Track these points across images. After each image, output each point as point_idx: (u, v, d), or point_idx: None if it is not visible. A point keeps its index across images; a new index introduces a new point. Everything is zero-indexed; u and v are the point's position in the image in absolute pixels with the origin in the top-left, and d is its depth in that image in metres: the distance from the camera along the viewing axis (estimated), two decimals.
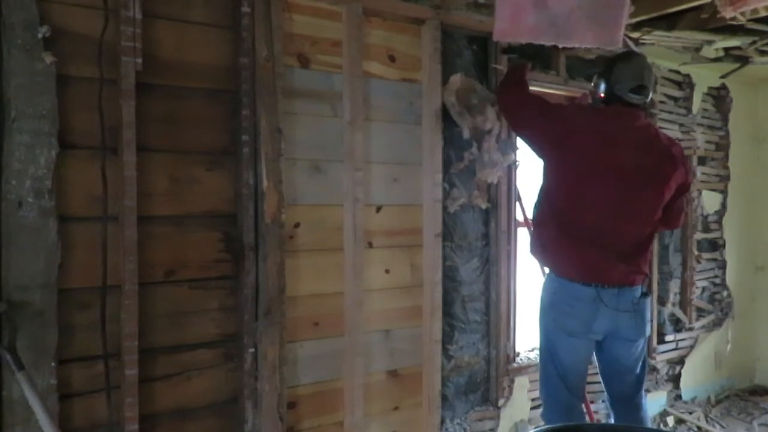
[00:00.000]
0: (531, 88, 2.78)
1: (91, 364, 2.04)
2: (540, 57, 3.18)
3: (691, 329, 4.05)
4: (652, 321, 3.29)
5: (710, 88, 4.17)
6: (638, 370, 2.58)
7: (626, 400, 2.60)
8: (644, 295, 2.49)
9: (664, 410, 3.85)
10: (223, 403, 2.30)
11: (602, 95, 2.54)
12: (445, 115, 2.82)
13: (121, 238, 2.04)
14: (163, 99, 2.16)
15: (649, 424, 2.90)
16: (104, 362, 2.05)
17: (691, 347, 4.10)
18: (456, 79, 2.83)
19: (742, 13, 2.59)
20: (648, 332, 2.55)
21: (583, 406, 2.69)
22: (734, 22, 2.74)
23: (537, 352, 3.32)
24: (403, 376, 2.79)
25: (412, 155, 2.78)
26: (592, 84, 2.66)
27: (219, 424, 2.30)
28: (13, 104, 1.86)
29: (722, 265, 4.31)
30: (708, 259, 4.20)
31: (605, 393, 2.69)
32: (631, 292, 2.44)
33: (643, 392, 2.62)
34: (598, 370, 2.68)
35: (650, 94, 2.51)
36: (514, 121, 2.66)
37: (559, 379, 2.52)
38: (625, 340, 2.49)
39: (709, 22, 2.86)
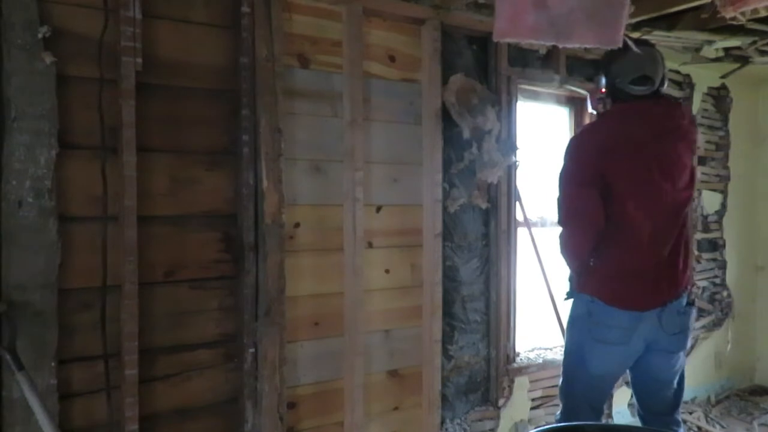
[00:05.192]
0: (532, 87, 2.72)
1: (91, 364, 2.04)
2: None
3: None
4: None
5: (710, 88, 4.16)
6: (676, 385, 2.45)
7: (662, 417, 2.46)
8: (690, 304, 2.36)
9: None
10: (223, 403, 2.30)
11: (603, 90, 2.43)
12: (445, 115, 2.82)
13: (121, 238, 2.04)
14: (163, 99, 2.16)
15: None
16: (104, 362, 2.06)
17: (691, 347, 4.09)
18: (456, 79, 2.83)
19: (742, 13, 2.58)
20: (688, 345, 2.41)
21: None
22: (734, 22, 2.74)
23: (541, 357, 3.34)
24: (403, 376, 2.79)
25: (412, 155, 2.78)
26: (594, 81, 2.54)
27: (219, 424, 2.30)
28: (13, 104, 1.86)
29: (722, 265, 4.31)
30: (708, 259, 4.20)
31: (639, 410, 2.55)
32: (678, 302, 2.32)
33: (680, 410, 2.50)
34: (631, 386, 2.55)
35: (657, 84, 2.34)
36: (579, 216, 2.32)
37: (586, 389, 2.40)
38: (665, 352, 2.35)
39: (709, 22, 2.85)
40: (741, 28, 2.95)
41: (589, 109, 2.70)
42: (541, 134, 3.49)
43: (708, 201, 4.19)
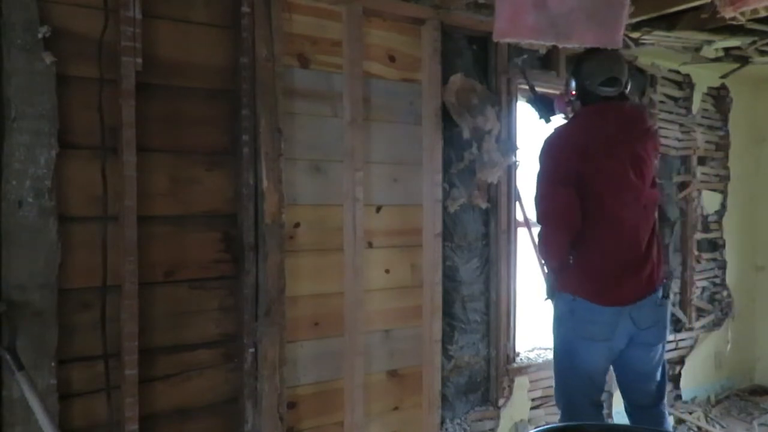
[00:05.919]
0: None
1: (91, 364, 2.04)
2: None
3: (691, 329, 4.05)
4: None
5: (710, 88, 4.16)
6: (659, 377, 2.49)
7: (648, 409, 2.49)
8: (665, 297, 2.41)
9: None
10: (223, 403, 2.30)
11: (573, 93, 2.47)
12: (445, 115, 2.82)
13: (121, 238, 2.04)
14: (163, 99, 2.16)
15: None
16: (104, 362, 2.05)
17: (691, 347, 4.09)
18: (456, 79, 2.83)
19: (742, 13, 2.59)
20: (667, 337, 2.47)
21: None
22: (734, 22, 2.74)
23: (541, 357, 3.34)
24: (403, 376, 2.79)
25: (412, 155, 2.78)
26: (565, 84, 2.59)
27: (219, 424, 2.30)
28: (13, 104, 1.86)
29: (722, 265, 4.31)
30: (708, 259, 4.20)
31: (625, 405, 2.57)
32: (654, 297, 2.37)
33: (665, 401, 2.53)
34: (615, 380, 2.58)
35: (624, 84, 2.41)
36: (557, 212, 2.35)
37: (582, 385, 2.42)
38: (645, 345, 2.40)
39: (709, 22, 2.85)
40: (741, 28, 2.95)
41: (556, 112, 2.73)
42: (541, 134, 3.48)
43: (708, 201, 4.19)
